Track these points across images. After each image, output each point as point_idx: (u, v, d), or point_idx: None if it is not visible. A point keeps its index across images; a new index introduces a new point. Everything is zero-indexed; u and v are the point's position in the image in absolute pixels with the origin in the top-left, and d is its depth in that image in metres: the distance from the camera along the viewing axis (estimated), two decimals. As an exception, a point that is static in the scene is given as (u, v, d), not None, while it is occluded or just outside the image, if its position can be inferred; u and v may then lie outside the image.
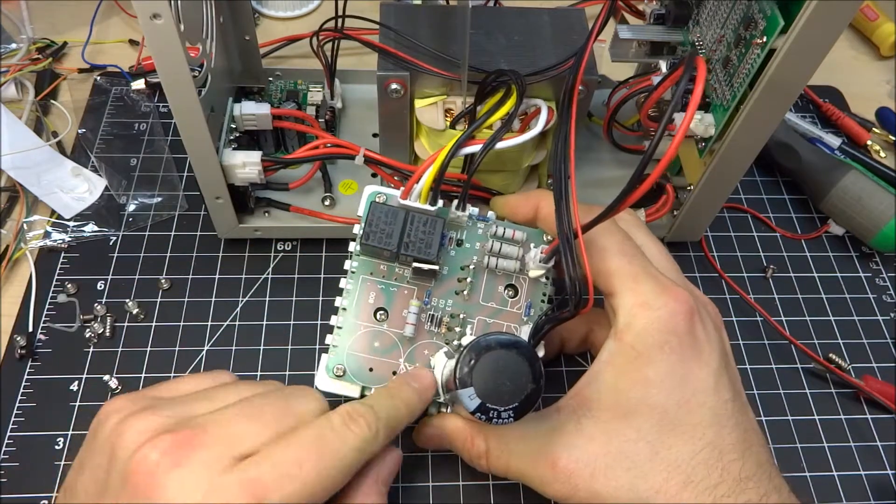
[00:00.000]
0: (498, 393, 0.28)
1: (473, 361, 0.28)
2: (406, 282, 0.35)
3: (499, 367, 0.28)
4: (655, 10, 0.40)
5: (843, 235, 0.47)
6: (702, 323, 0.30)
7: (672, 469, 0.28)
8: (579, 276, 0.28)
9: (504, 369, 0.28)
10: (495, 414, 0.28)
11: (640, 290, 0.30)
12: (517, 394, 0.28)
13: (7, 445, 0.36)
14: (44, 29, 0.55)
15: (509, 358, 0.28)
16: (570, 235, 0.29)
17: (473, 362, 0.28)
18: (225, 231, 0.43)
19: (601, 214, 0.27)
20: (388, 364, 0.34)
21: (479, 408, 0.28)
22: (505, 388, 0.28)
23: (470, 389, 0.28)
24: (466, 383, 0.28)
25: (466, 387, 0.28)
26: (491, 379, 0.28)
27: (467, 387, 0.28)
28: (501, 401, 0.28)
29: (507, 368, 0.28)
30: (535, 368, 0.28)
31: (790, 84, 0.33)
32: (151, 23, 0.29)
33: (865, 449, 0.39)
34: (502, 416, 0.28)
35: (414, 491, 0.36)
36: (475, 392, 0.27)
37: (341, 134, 0.47)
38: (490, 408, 0.28)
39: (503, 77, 0.34)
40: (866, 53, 0.61)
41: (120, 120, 0.50)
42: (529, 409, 0.28)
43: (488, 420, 0.28)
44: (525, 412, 0.28)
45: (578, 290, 0.28)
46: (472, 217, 0.36)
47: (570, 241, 0.29)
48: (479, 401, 0.27)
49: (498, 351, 0.28)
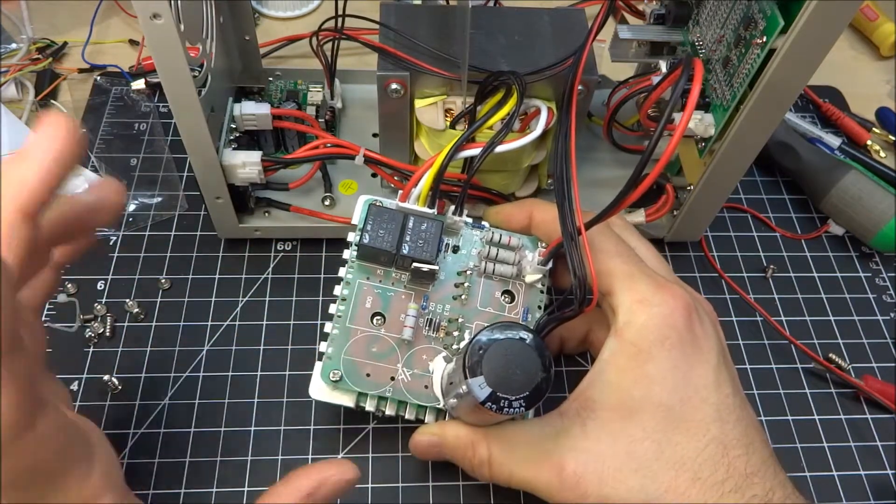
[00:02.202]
0: (509, 381, 0.27)
1: (483, 350, 0.28)
2: (404, 286, 0.35)
3: (509, 357, 0.28)
4: (655, 10, 0.40)
5: (843, 235, 0.47)
6: (699, 319, 0.30)
7: (679, 466, 0.28)
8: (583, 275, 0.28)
9: (514, 358, 0.28)
10: (506, 403, 0.27)
11: (638, 288, 0.30)
12: (528, 383, 0.27)
13: (7, 445, 0.36)
14: (44, 29, 0.55)
15: (519, 347, 0.28)
16: (574, 234, 0.29)
17: (483, 351, 0.28)
18: (225, 231, 0.43)
19: (602, 212, 0.28)
20: (386, 369, 0.33)
21: (490, 396, 0.27)
22: (515, 376, 0.27)
23: (480, 378, 0.27)
24: (476, 372, 0.27)
25: (476, 376, 0.27)
26: (501, 368, 0.27)
27: (477, 376, 0.27)
28: (512, 389, 0.27)
29: (518, 358, 0.28)
30: (545, 358, 0.28)
31: (790, 84, 0.33)
32: (151, 23, 0.29)
33: (865, 449, 0.39)
34: (514, 406, 0.27)
35: (414, 491, 0.36)
36: (485, 381, 0.27)
37: (341, 134, 0.47)
38: (501, 397, 0.27)
39: (503, 77, 0.34)
40: (866, 53, 0.61)
41: (120, 120, 0.50)
42: (540, 398, 0.28)
43: (499, 410, 0.27)
44: (536, 402, 0.28)
45: (583, 289, 0.28)
46: (468, 224, 0.36)
47: (574, 239, 0.29)
48: (490, 390, 0.27)
49: (508, 340, 0.28)
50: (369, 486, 0.36)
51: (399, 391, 0.33)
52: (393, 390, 0.33)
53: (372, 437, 0.38)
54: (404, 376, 0.33)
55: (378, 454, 0.37)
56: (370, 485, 0.36)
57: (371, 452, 0.37)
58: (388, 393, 0.33)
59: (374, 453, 0.37)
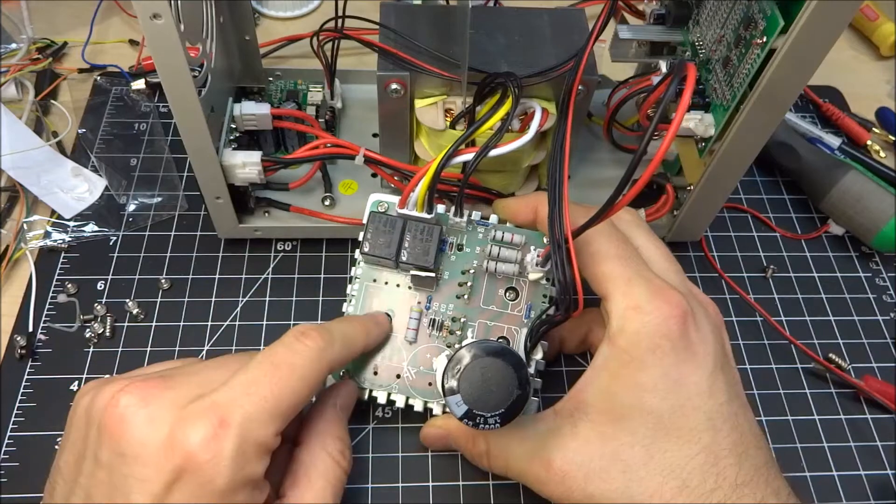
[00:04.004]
0: (484, 399, 0.29)
1: (460, 369, 0.29)
2: (408, 287, 0.36)
3: (485, 375, 0.29)
4: (655, 11, 0.40)
5: (843, 235, 0.47)
6: (696, 325, 0.30)
7: (667, 474, 0.28)
8: (569, 281, 0.28)
9: (490, 376, 0.29)
10: (482, 420, 0.29)
11: (633, 294, 0.30)
12: (503, 400, 0.29)
13: (7, 445, 0.36)
14: (44, 29, 0.55)
15: (495, 365, 0.29)
16: (561, 240, 0.29)
17: (460, 370, 0.29)
18: (225, 231, 0.43)
19: (593, 217, 0.27)
20: (392, 367, 0.35)
21: (466, 414, 0.29)
22: (491, 394, 0.29)
23: (457, 396, 0.29)
24: (454, 390, 0.29)
25: (454, 394, 0.29)
26: (477, 386, 0.29)
27: (454, 394, 0.29)
28: (487, 407, 0.29)
29: (494, 375, 0.29)
30: (521, 375, 0.29)
31: (790, 84, 0.33)
32: (151, 23, 0.29)
33: (865, 449, 0.39)
34: (489, 422, 0.29)
35: (414, 491, 0.36)
36: (461, 399, 0.29)
37: (341, 134, 0.47)
38: (476, 414, 0.29)
39: (499, 80, 0.34)
40: (866, 53, 0.61)
41: (120, 120, 0.50)
42: (516, 414, 0.29)
43: (475, 425, 0.29)
44: (511, 418, 0.29)
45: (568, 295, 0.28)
46: (472, 221, 0.36)
47: (560, 245, 0.29)
48: (466, 407, 0.29)
49: (484, 359, 0.29)
50: (369, 486, 0.36)
51: (405, 388, 0.35)
52: (399, 387, 0.35)
53: (372, 437, 0.38)
54: (409, 374, 0.35)
55: (378, 454, 0.37)
56: (370, 485, 0.36)
57: (371, 452, 0.37)
58: (394, 390, 0.35)
59: (374, 453, 0.37)
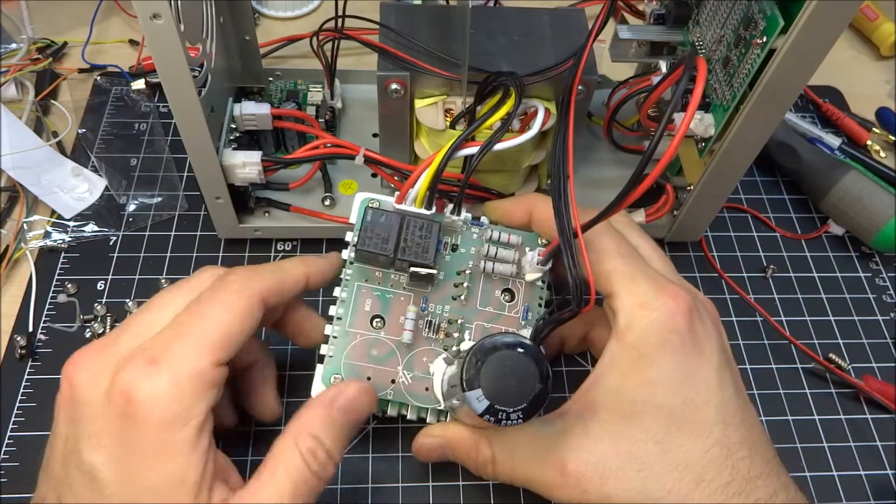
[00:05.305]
0: (506, 394, 0.27)
1: (480, 363, 0.27)
2: (402, 288, 0.34)
3: (506, 368, 0.27)
4: (655, 10, 0.40)
5: (843, 235, 0.47)
6: (700, 321, 0.30)
7: (683, 468, 0.28)
8: (580, 276, 0.28)
9: (511, 370, 0.27)
10: (504, 415, 0.27)
11: (638, 291, 0.30)
12: (525, 394, 0.27)
13: (7, 445, 0.36)
14: (44, 29, 0.55)
15: (516, 358, 0.28)
16: (571, 235, 0.29)
17: (480, 363, 0.27)
18: (225, 231, 0.43)
19: (602, 213, 0.27)
20: (387, 372, 0.33)
21: (488, 409, 0.27)
22: (513, 388, 0.27)
23: (478, 391, 0.27)
24: (474, 385, 0.27)
25: (474, 388, 0.27)
26: (498, 380, 0.27)
27: (475, 388, 0.27)
28: (510, 402, 0.27)
29: (515, 369, 0.27)
30: (543, 368, 0.28)
31: (790, 84, 0.33)
32: (151, 23, 0.29)
33: (865, 449, 0.39)
34: (511, 418, 0.27)
35: (414, 491, 0.36)
36: (483, 394, 0.27)
37: (341, 134, 0.47)
38: (499, 409, 0.27)
39: (502, 78, 0.34)
40: (866, 53, 0.61)
41: (120, 120, 0.50)
42: (538, 409, 0.28)
43: (497, 422, 0.27)
44: (534, 412, 0.28)
45: (580, 290, 0.28)
46: (467, 222, 0.35)
47: (570, 241, 0.29)
48: (488, 402, 0.27)
49: (504, 351, 0.28)
50: (369, 486, 0.36)
51: (400, 393, 0.33)
52: (394, 393, 0.33)
53: (372, 437, 0.38)
54: (405, 379, 0.33)
55: (378, 454, 0.37)
56: (370, 485, 0.36)
57: (371, 452, 0.37)
58: (389, 396, 0.33)
59: (374, 453, 0.37)
